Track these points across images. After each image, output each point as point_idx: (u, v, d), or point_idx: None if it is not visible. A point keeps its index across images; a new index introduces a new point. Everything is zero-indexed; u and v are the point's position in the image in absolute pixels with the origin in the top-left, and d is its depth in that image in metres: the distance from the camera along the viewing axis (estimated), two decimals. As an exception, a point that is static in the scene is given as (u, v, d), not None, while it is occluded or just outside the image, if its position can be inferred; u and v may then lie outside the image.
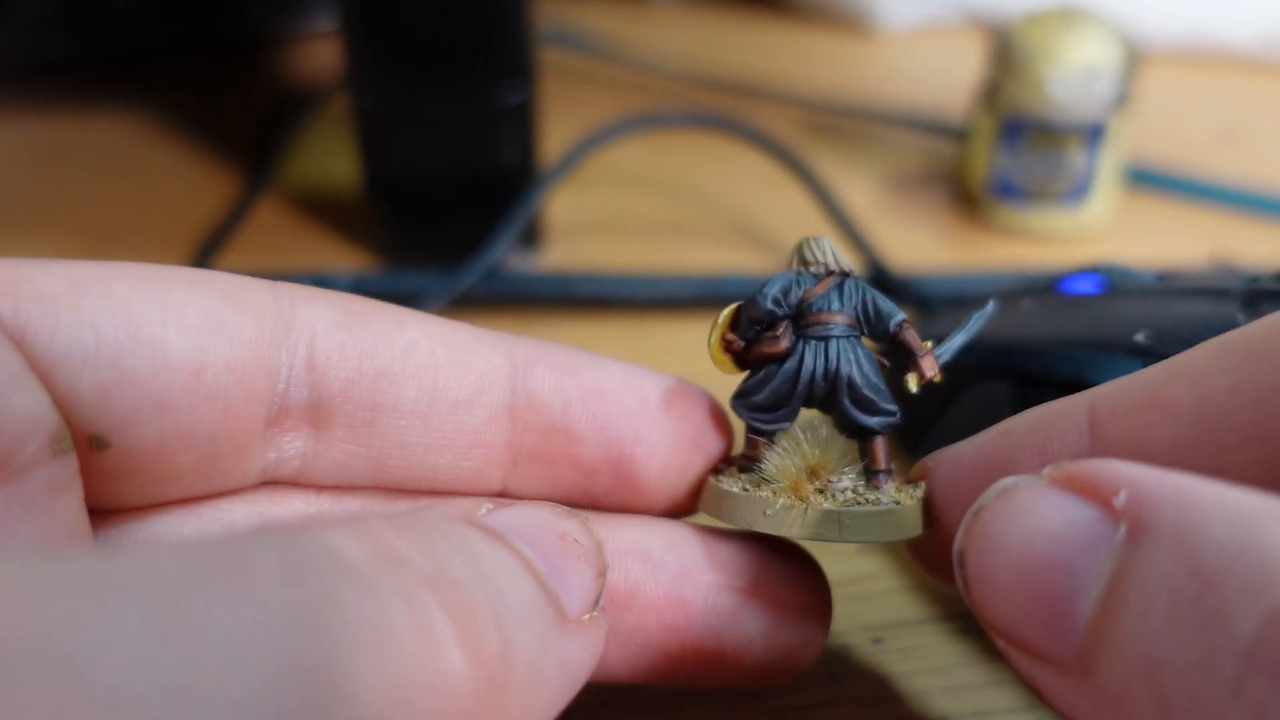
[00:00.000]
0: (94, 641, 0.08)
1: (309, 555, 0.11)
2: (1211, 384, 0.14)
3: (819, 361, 0.17)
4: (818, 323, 0.17)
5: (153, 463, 0.15)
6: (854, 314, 0.17)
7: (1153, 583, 0.11)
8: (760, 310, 0.17)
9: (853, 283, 0.17)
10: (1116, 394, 0.16)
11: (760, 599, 0.17)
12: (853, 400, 0.17)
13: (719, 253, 0.36)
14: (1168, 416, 0.15)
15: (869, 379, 0.17)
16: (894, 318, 0.17)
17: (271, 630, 0.10)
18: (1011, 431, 0.17)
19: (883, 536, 0.17)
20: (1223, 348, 0.15)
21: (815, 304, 0.17)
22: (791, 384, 0.17)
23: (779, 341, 0.17)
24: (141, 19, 0.47)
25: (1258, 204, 0.38)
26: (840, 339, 0.17)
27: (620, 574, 0.17)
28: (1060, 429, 0.16)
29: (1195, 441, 0.14)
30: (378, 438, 0.17)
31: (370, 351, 0.16)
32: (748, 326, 0.18)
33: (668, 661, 0.17)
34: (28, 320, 0.14)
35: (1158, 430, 0.15)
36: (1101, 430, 0.16)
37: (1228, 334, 0.15)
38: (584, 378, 0.18)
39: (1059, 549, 0.13)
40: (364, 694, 0.10)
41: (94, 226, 0.37)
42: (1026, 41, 0.35)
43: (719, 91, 0.46)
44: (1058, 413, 0.16)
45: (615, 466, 0.18)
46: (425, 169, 0.33)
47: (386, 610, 0.11)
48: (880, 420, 0.17)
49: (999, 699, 0.20)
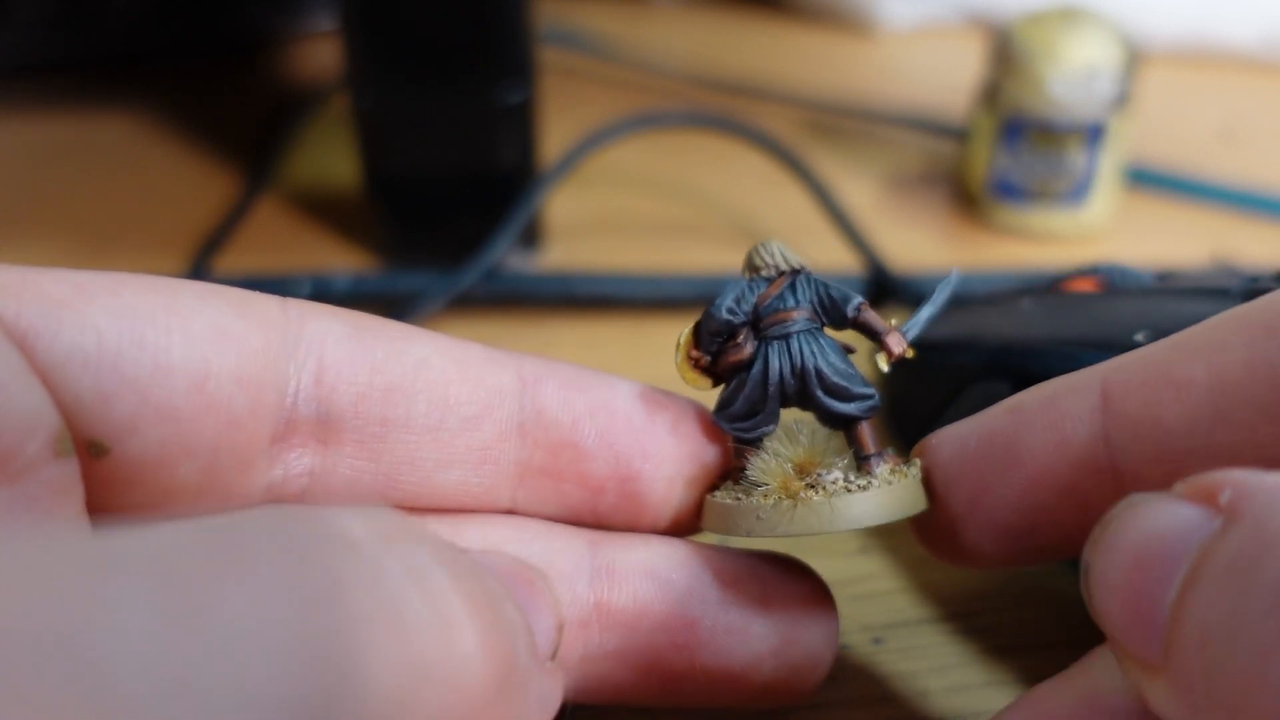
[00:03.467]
0: (97, 624, 0.08)
1: (316, 534, 0.11)
2: (1226, 359, 0.14)
3: (783, 360, 0.17)
4: (776, 322, 0.17)
5: (154, 472, 0.15)
6: (810, 307, 0.17)
7: (1220, 558, 0.11)
8: (716, 322, 0.17)
9: (804, 277, 0.17)
10: (1129, 369, 0.15)
11: (769, 617, 0.17)
12: (825, 391, 0.17)
13: (719, 253, 0.36)
14: (1181, 392, 0.15)
15: (837, 367, 0.17)
16: (850, 302, 0.17)
17: (280, 611, 0.09)
18: (1021, 407, 0.17)
19: (876, 518, 0.16)
20: (1238, 322, 0.14)
21: (771, 305, 0.17)
22: (762, 387, 0.17)
23: (742, 349, 0.17)
24: (141, 19, 0.47)
25: (1258, 204, 0.38)
26: (801, 334, 0.17)
27: (629, 593, 0.17)
28: (1072, 405, 0.16)
29: (1209, 418, 0.14)
30: (388, 453, 0.16)
31: (381, 366, 0.16)
32: (709, 340, 0.18)
33: (677, 682, 0.17)
34: (30, 323, 0.14)
35: (1171, 406, 0.15)
36: (1114, 406, 0.15)
37: (1242, 307, 0.15)
38: (593, 395, 0.18)
39: (1160, 545, 0.12)
40: (377, 682, 0.10)
41: (93, 226, 0.37)
42: (1027, 41, 0.35)
43: (719, 91, 0.46)
44: (1068, 389, 0.16)
45: (622, 484, 0.18)
46: (425, 169, 0.33)
47: (399, 591, 0.11)
48: (858, 405, 0.17)
49: (999, 699, 0.20)
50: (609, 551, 0.17)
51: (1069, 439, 0.16)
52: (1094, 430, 0.15)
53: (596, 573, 0.17)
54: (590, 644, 0.17)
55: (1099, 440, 0.15)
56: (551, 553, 0.17)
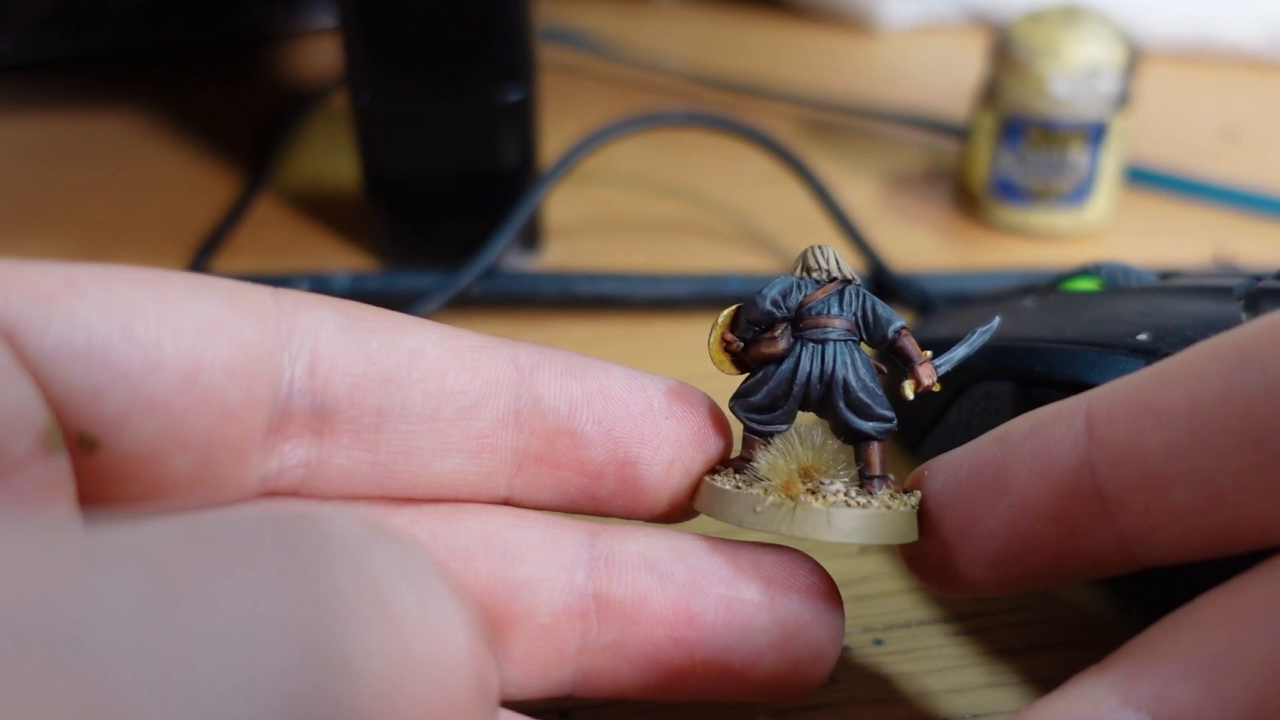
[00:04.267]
0: (85, 615, 0.08)
1: (307, 530, 0.11)
2: (1204, 388, 0.14)
3: (815, 364, 0.17)
4: (816, 326, 0.17)
5: (146, 466, 0.15)
6: (853, 319, 0.17)
7: None
8: (759, 311, 0.17)
9: (854, 290, 0.18)
10: (1113, 397, 0.16)
11: (771, 611, 0.17)
12: (847, 404, 0.17)
13: (719, 253, 0.35)
14: (1162, 420, 0.15)
15: (864, 383, 0.17)
16: (893, 324, 0.17)
17: (270, 604, 0.09)
18: (1007, 438, 0.17)
19: (870, 539, 0.17)
20: (1215, 351, 0.15)
21: (814, 308, 0.17)
22: (787, 385, 0.17)
23: (776, 343, 0.17)
24: (139, 17, 0.46)
25: (1258, 204, 0.38)
26: (837, 343, 0.17)
27: (628, 585, 0.17)
28: (1058, 434, 0.16)
29: (1189, 444, 0.14)
30: (384, 443, 0.16)
31: (375, 357, 0.16)
32: (746, 327, 0.18)
33: (676, 675, 0.17)
34: (19, 317, 0.14)
35: (1152, 434, 0.15)
36: (1098, 434, 0.15)
37: (1220, 336, 0.15)
38: (589, 382, 0.18)
39: None
40: (366, 675, 0.10)
41: (91, 224, 0.37)
42: (1028, 40, 0.35)
43: (719, 91, 0.46)
44: (1054, 417, 0.16)
45: (620, 470, 0.18)
46: (424, 167, 0.33)
47: (390, 587, 0.11)
48: (875, 426, 0.17)
49: (1000, 701, 0.20)
50: (608, 542, 0.17)
51: (1055, 466, 0.16)
52: (1079, 457, 0.16)
53: (595, 563, 0.17)
54: (588, 636, 0.17)
55: (1084, 467, 0.16)
56: (550, 542, 0.17)
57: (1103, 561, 0.16)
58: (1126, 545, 0.16)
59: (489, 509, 0.17)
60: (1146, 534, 0.15)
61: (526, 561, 0.17)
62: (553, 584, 0.17)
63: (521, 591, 0.17)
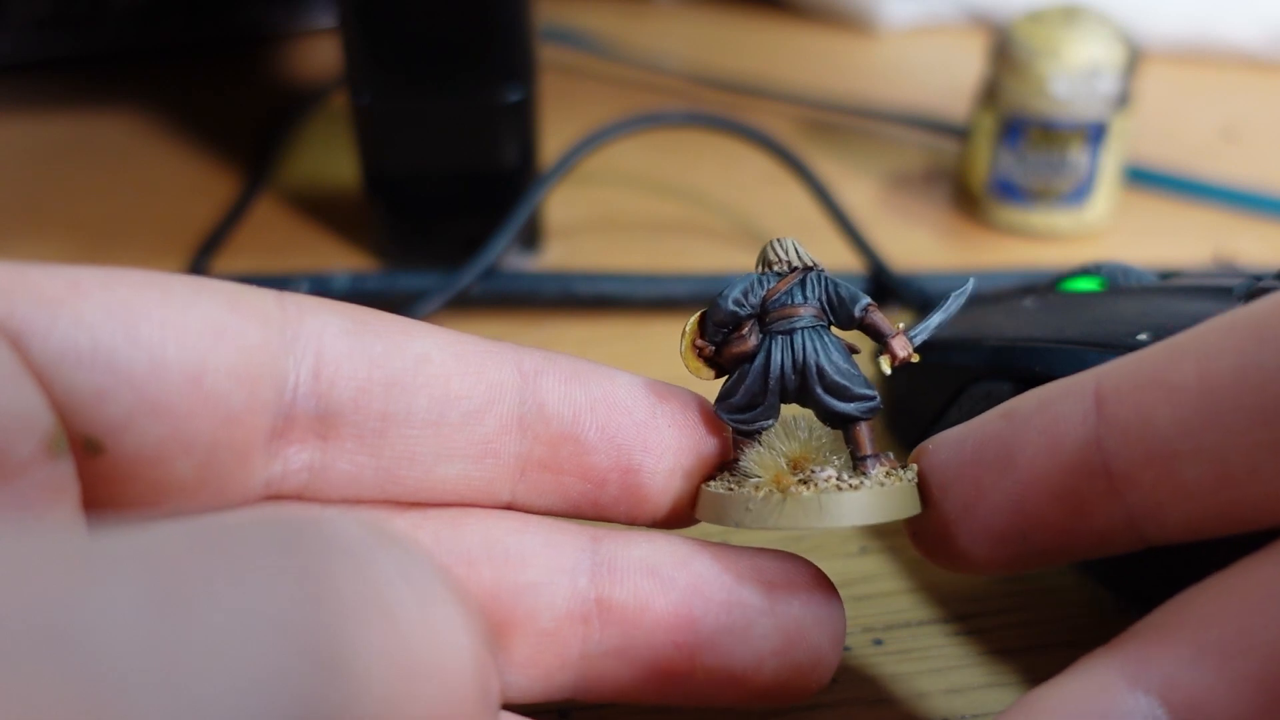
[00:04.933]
0: (86, 617, 0.08)
1: (309, 533, 0.11)
2: (1217, 364, 0.14)
3: (786, 355, 0.17)
4: (782, 317, 0.17)
5: (150, 469, 0.15)
6: (819, 305, 0.17)
7: None
8: (722, 312, 0.17)
9: (815, 275, 0.17)
10: (1122, 373, 0.15)
11: (772, 617, 0.17)
12: (825, 388, 0.17)
13: (719, 252, 0.35)
14: (1173, 396, 0.14)
15: (839, 366, 0.17)
16: (859, 302, 0.17)
17: (272, 606, 0.09)
18: (1014, 413, 0.17)
19: (865, 519, 0.16)
20: (1228, 327, 0.14)
21: (778, 300, 0.17)
22: (763, 380, 0.17)
23: (746, 341, 0.17)
24: (139, 16, 0.46)
25: (1258, 204, 0.38)
26: (806, 330, 0.17)
27: (630, 590, 0.17)
28: (1066, 409, 0.16)
29: (1199, 421, 0.14)
30: (388, 448, 0.16)
31: (380, 361, 0.16)
32: (714, 330, 0.18)
33: (678, 680, 0.17)
34: (24, 320, 0.14)
35: (1162, 410, 0.15)
36: (1107, 410, 0.15)
37: (1233, 312, 0.15)
38: (593, 388, 0.18)
39: None
40: (368, 679, 0.10)
41: (92, 224, 0.37)
42: (1028, 40, 0.35)
43: (719, 91, 0.46)
44: (1063, 392, 0.16)
45: (623, 476, 0.18)
46: (424, 167, 0.33)
47: (392, 590, 0.11)
48: (858, 406, 0.17)
49: (999, 701, 0.20)
50: (610, 547, 0.17)
51: (1062, 442, 0.16)
52: (1087, 434, 0.15)
53: (597, 568, 0.17)
54: (590, 641, 0.17)
55: (1092, 444, 0.15)
56: (552, 547, 0.17)
57: (1109, 540, 0.16)
58: (1134, 523, 0.15)
59: (492, 514, 0.17)
60: (1154, 512, 0.15)
61: (529, 566, 0.17)
62: (555, 589, 0.17)
63: (524, 596, 0.17)
